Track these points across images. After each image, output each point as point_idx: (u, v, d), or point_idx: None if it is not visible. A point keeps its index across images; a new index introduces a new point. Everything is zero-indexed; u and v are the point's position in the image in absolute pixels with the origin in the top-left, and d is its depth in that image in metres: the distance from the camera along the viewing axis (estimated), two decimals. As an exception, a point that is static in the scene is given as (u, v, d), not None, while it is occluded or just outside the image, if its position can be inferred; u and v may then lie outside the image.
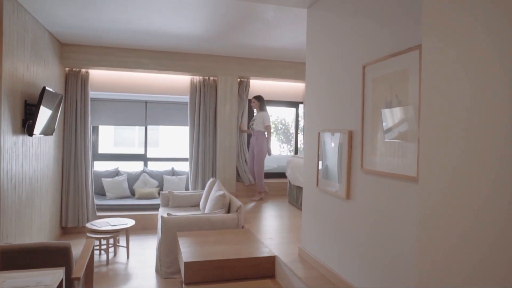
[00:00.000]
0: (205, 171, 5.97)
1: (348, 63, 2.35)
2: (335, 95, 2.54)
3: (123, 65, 5.39)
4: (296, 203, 5.17)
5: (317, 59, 2.81)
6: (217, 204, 4.16)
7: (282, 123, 7.25)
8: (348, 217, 2.32)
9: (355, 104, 2.26)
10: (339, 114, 2.47)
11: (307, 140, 2.99)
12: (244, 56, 5.82)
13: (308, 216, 2.93)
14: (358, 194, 2.21)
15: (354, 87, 2.28)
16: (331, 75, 2.60)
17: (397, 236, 1.83)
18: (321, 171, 2.67)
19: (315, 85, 2.86)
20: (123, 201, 5.96)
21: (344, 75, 2.41)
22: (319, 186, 2.71)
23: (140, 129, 6.86)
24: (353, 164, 2.27)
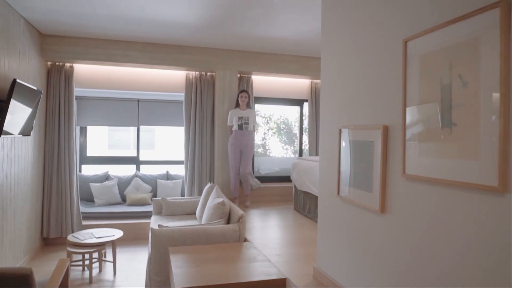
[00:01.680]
0: (202, 175, 5.46)
1: (381, 40, 1.86)
2: (363, 83, 2.04)
3: (111, 59, 4.88)
4: (303, 210, 4.67)
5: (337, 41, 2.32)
6: (216, 213, 3.65)
7: (285, 122, 6.76)
8: (382, 235, 1.82)
9: (392, 92, 1.76)
10: (369, 105, 1.97)
11: (324, 139, 2.49)
12: (244, 49, 5.33)
13: (325, 230, 2.43)
14: (398, 207, 1.71)
15: (390, 69, 1.79)
16: (357, 59, 2.10)
17: (458, 265, 1.34)
18: (344, 176, 2.17)
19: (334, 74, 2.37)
20: (112, 208, 5.44)
21: (376, 56, 1.91)
22: (340, 195, 2.21)
23: (136, 131, 6.33)
24: (390, 168, 1.77)
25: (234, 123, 5.12)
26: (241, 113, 5.15)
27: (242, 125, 5.12)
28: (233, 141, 5.11)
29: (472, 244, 1.28)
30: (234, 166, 5.12)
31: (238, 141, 5.11)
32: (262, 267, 2.58)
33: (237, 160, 5.12)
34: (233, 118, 5.13)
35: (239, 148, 5.12)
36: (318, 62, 5.73)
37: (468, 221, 1.32)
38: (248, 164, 5.21)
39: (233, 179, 5.13)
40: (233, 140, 5.12)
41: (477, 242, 1.26)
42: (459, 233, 1.35)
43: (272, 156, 6.67)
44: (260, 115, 6.49)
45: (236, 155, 5.12)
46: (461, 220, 1.35)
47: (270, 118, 6.64)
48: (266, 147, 6.60)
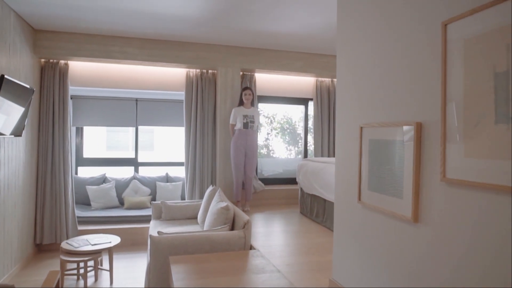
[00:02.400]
0: (203, 177, 5.22)
1: (413, 25, 1.63)
2: (390, 75, 1.81)
3: (107, 55, 4.65)
4: (311, 214, 4.43)
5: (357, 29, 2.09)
6: (219, 219, 3.42)
7: (288, 122, 6.52)
8: (415, 248, 1.59)
9: (428, 83, 1.53)
10: (398, 100, 1.74)
11: (341, 139, 2.26)
12: (247, 45, 5.10)
13: (343, 239, 2.19)
14: (436, 216, 1.48)
15: (425, 58, 1.56)
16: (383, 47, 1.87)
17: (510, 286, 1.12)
18: (366, 180, 1.94)
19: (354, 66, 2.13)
20: (110, 212, 5.21)
21: (407, 44, 1.68)
22: (362, 201, 1.97)
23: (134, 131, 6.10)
24: (425, 171, 1.54)
25: (238, 122, 4.87)
26: (246, 111, 4.90)
27: (248, 124, 4.87)
28: (237, 141, 4.86)
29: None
30: (237, 168, 4.87)
31: (242, 141, 4.86)
32: (272, 279, 2.35)
33: (241, 161, 4.87)
34: (237, 117, 4.88)
35: (243, 148, 4.87)
36: (324, 59, 5.51)
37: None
38: (254, 166, 4.96)
39: (236, 182, 4.89)
40: (237, 140, 4.87)
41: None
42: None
43: (276, 157, 6.44)
44: (263, 114, 6.25)
45: (240, 156, 4.87)
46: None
47: (274, 117, 6.41)
48: (269, 148, 6.37)
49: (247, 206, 4.96)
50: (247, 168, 4.89)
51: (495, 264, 1.20)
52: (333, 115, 5.84)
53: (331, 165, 4.01)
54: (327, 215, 4.00)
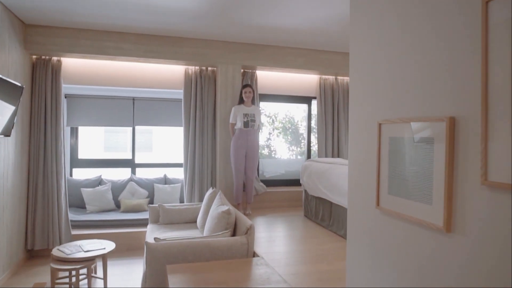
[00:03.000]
0: (203, 179, 5.01)
1: (444, 4, 1.42)
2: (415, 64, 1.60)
3: (102, 52, 4.44)
4: (316, 218, 4.22)
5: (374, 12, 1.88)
6: (220, 224, 3.21)
7: (290, 122, 6.31)
8: (448, 261, 1.38)
9: (463, 72, 1.32)
10: (425, 92, 1.53)
11: (355, 137, 2.05)
12: (248, 41, 4.89)
13: (358, 248, 1.98)
14: (474, 226, 1.27)
15: (459, 42, 1.35)
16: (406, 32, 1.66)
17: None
18: (386, 183, 1.73)
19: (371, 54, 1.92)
20: (105, 216, 4.99)
21: (436, 26, 1.47)
22: (381, 206, 1.76)
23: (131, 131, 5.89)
24: (461, 173, 1.33)
25: (238, 120, 4.66)
26: (247, 110, 4.68)
27: (248, 123, 4.64)
28: (237, 141, 4.64)
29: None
30: (238, 169, 4.65)
31: (243, 141, 4.64)
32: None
33: (241, 162, 4.65)
34: (237, 115, 4.67)
35: (244, 149, 4.65)
36: (327, 56, 5.30)
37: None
38: (255, 168, 4.74)
39: (237, 183, 4.67)
40: (237, 139, 4.65)
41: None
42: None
43: (278, 158, 6.23)
44: (264, 113, 6.05)
45: (241, 157, 4.65)
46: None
47: (276, 117, 6.20)
48: (271, 148, 6.16)
49: (248, 209, 4.75)
50: (248, 169, 4.67)
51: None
52: (337, 114, 5.64)
53: (338, 166, 3.80)
54: (334, 218, 3.79)
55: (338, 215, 3.70)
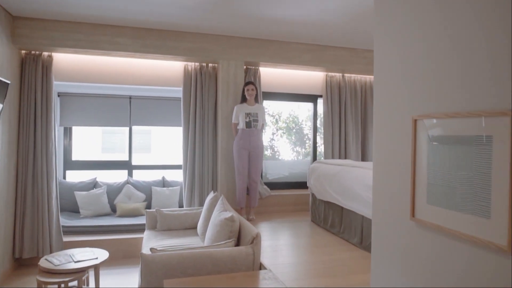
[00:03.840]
0: (203, 182, 4.73)
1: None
2: (460, 47, 1.32)
3: (96, 46, 4.16)
4: (325, 224, 3.94)
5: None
6: (223, 232, 2.93)
7: (294, 121, 6.04)
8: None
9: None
10: (476, 80, 1.25)
11: (382, 135, 1.77)
12: (251, 35, 4.61)
13: (387, 264, 1.70)
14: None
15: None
16: (445, 12, 1.39)
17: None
18: (424, 190, 1.45)
19: (401, 35, 1.65)
20: (100, 221, 4.71)
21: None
22: (418, 218, 1.49)
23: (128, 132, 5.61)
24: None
25: (240, 120, 4.38)
26: (249, 109, 4.40)
27: (251, 122, 4.36)
28: (239, 141, 4.37)
29: None
30: (240, 171, 4.37)
31: (245, 141, 4.36)
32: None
33: (244, 163, 4.37)
34: (239, 115, 4.39)
35: (247, 149, 4.37)
36: (334, 52, 5.03)
37: None
38: (259, 170, 4.47)
39: (240, 186, 4.38)
40: (239, 140, 4.37)
41: None
42: None
43: (281, 160, 5.95)
44: (268, 113, 5.77)
45: (243, 158, 4.37)
46: None
47: (279, 116, 5.93)
48: (274, 149, 5.88)
49: (251, 214, 4.47)
50: (251, 172, 4.39)
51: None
52: (344, 113, 5.36)
53: (349, 168, 3.53)
54: (345, 225, 3.52)
55: (350, 221, 3.42)
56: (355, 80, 5.46)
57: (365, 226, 3.19)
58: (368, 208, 3.08)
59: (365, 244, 3.17)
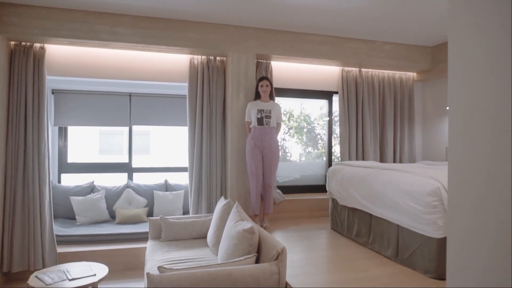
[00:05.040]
0: (212, 186, 4.33)
1: None
2: None
3: (93, 37, 3.76)
4: (349, 232, 3.55)
5: None
6: (241, 246, 2.53)
7: (306, 120, 5.64)
8: None
9: None
10: None
11: (463, 130, 1.37)
12: (263, 26, 4.23)
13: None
14: None
15: None
16: None
17: None
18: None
19: (483, 25, 1.26)
20: (98, 229, 4.31)
21: None
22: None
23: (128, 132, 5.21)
24: None
25: (252, 117, 3.98)
26: (262, 105, 4.00)
27: (262, 119, 3.94)
28: (251, 140, 3.96)
29: None
30: (254, 173, 3.96)
31: (257, 140, 3.95)
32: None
33: (258, 164, 3.95)
34: (252, 112, 4.00)
35: (260, 149, 3.97)
36: (352, 44, 4.65)
37: None
38: (273, 173, 4.04)
39: (254, 191, 3.98)
40: (250, 139, 3.97)
41: None
42: None
43: (293, 161, 5.56)
44: (281, 110, 5.37)
45: (257, 159, 3.96)
46: None
47: (292, 114, 5.54)
48: (285, 150, 5.49)
49: (265, 221, 4.07)
50: (265, 175, 3.98)
51: None
52: (361, 111, 4.98)
53: (380, 171, 3.14)
54: (376, 235, 3.12)
55: (382, 231, 3.03)
56: (372, 75, 5.08)
57: (401, 236, 2.80)
58: (407, 217, 2.69)
59: (402, 257, 2.78)
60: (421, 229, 2.58)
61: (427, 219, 2.49)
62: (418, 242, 2.62)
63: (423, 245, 2.57)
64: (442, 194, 2.43)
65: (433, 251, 2.49)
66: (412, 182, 2.67)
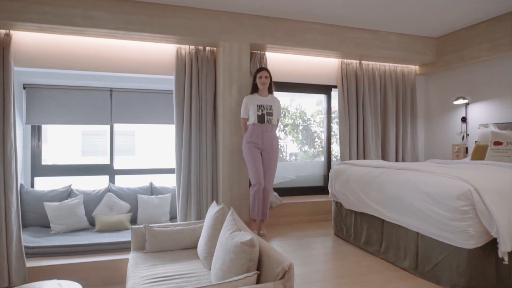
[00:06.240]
0: (201, 189, 3.93)
1: None
2: None
3: (65, 21, 3.31)
4: (356, 240, 3.19)
5: None
6: (239, 261, 2.13)
7: (302, 117, 5.28)
8: None
9: None
10: None
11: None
12: (258, 12, 3.84)
13: None
14: None
15: None
16: None
17: None
18: None
19: None
20: (75, 238, 3.88)
21: None
22: None
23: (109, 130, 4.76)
24: None
25: (251, 113, 3.57)
26: (262, 100, 3.59)
27: (264, 116, 3.55)
28: (250, 139, 3.54)
29: None
30: (256, 174, 3.51)
31: (257, 139, 3.54)
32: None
33: (258, 164, 3.52)
34: (250, 107, 3.59)
35: (259, 149, 3.57)
36: (353, 34, 4.31)
37: None
38: (272, 176, 3.64)
39: (254, 194, 3.54)
40: (250, 137, 3.55)
41: None
42: None
43: (289, 161, 5.19)
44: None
45: (258, 159, 3.54)
46: None
47: (288, 110, 5.17)
48: (281, 149, 5.11)
49: (262, 228, 3.68)
50: (264, 178, 3.57)
51: None
52: (362, 106, 4.64)
53: (394, 171, 2.78)
54: (388, 243, 2.77)
55: (397, 239, 2.68)
56: (373, 68, 4.75)
57: (422, 246, 2.45)
58: (428, 224, 2.34)
59: (423, 270, 2.42)
60: (447, 238, 2.23)
61: (455, 226, 2.15)
62: (443, 253, 2.27)
63: (450, 256, 2.23)
64: (474, 198, 2.08)
65: (462, 263, 2.15)
66: (435, 184, 2.32)
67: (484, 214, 2.07)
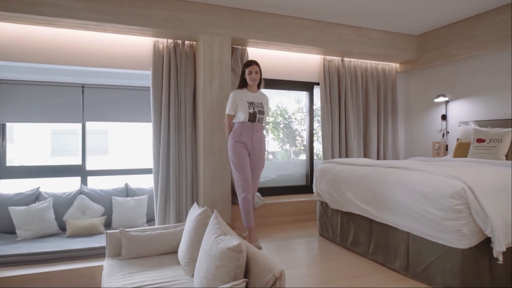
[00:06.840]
0: (181, 190, 3.75)
1: None
2: None
3: (32, 10, 3.06)
4: (342, 240, 3.10)
5: None
6: (225, 268, 1.98)
7: (283, 115, 5.17)
8: None
9: None
10: None
11: None
12: (240, 5, 3.70)
13: None
14: None
15: None
16: None
17: None
18: None
19: None
20: (44, 244, 3.62)
21: None
22: None
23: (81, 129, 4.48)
24: None
25: (240, 111, 3.27)
26: (252, 97, 3.32)
27: (255, 114, 3.26)
28: (239, 137, 3.25)
29: None
30: (245, 177, 3.23)
31: (247, 138, 3.26)
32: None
33: (246, 165, 3.25)
34: (239, 103, 3.27)
35: (247, 150, 3.30)
36: (338, 30, 4.23)
37: None
38: (258, 179, 3.43)
39: (245, 200, 3.23)
40: (239, 136, 3.25)
41: None
42: None
43: (271, 159, 5.07)
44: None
45: (246, 160, 3.26)
46: None
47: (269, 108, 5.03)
48: (262, 148, 4.98)
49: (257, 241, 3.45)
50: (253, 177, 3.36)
51: None
52: (344, 104, 4.59)
53: (383, 169, 2.71)
54: (377, 244, 2.70)
55: (386, 239, 2.61)
56: (355, 65, 4.70)
57: (413, 246, 2.38)
58: (420, 223, 2.27)
59: (415, 271, 2.36)
60: (440, 238, 2.16)
61: (449, 226, 2.08)
62: (435, 253, 2.21)
63: (443, 256, 2.16)
64: (468, 197, 2.02)
65: (456, 264, 2.09)
66: (427, 183, 2.25)
67: (478, 213, 2.02)
